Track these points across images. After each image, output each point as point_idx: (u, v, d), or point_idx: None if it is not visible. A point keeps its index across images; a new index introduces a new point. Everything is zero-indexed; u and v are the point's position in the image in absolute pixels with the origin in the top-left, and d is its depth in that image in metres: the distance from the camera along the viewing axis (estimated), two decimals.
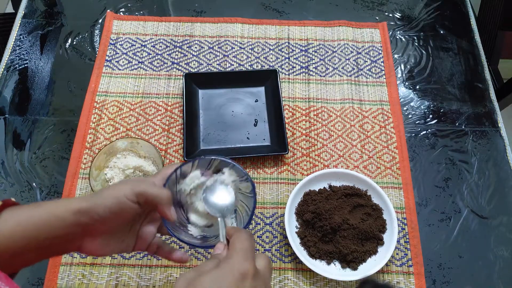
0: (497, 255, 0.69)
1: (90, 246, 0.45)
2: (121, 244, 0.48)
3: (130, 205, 0.45)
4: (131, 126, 0.78)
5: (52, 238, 0.42)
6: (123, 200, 0.44)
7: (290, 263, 0.67)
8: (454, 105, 0.84)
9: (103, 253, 0.46)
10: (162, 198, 0.46)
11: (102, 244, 0.45)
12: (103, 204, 0.43)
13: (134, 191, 0.45)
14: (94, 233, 0.44)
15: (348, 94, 0.83)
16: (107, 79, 0.82)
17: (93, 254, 0.46)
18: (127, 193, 0.44)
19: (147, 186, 0.46)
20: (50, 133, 0.77)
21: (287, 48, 0.88)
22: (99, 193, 0.45)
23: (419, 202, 0.74)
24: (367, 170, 0.75)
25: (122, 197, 0.44)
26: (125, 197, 0.44)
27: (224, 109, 0.80)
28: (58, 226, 0.42)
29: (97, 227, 0.44)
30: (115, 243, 0.47)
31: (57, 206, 0.42)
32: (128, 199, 0.45)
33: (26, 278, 0.65)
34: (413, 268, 0.68)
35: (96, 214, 0.43)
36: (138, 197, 0.45)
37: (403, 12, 0.95)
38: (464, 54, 0.90)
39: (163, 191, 0.47)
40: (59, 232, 0.42)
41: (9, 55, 0.85)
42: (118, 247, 0.48)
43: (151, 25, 0.89)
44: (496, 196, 0.75)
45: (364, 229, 0.66)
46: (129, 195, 0.45)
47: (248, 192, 0.53)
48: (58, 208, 0.42)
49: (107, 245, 0.46)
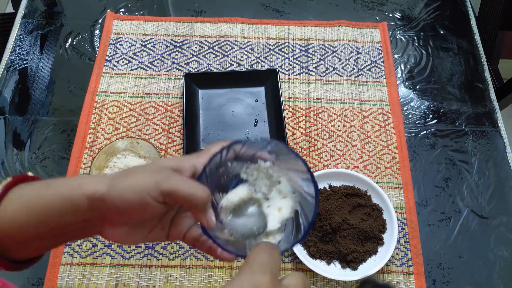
0: (497, 255, 0.69)
1: (111, 234, 0.38)
2: (149, 234, 0.40)
3: (154, 204, 0.36)
4: (131, 126, 0.78)
5: (65, 223, 0.36)
6: (145, 197, 0.35)
7: (290, 263, 0.67)
8: (454, 105, 0.84)
9: (128, 242, 0.39)
10: (197, 201, 0.36)
11: (124, 234, 0.38)
12: (122, 196, 0.35)
13: (161, 188, 0.35)
14: (112, 222, 0.37)
15: (348, 94, 0.83)
16: (107, 79, 0.82)
17: (117, 242, 0.39)
18: (151, 190, 0.35)
19: (178, 182, 0.36)
20: (50, 133, 0.77)
21: (287, 48, 0.88)
22: (117, 179, 0.36)
23: (419, 202, 0.74)
24: (367, 170, 0.75)
25: (144, 193, 0.35)
26: (149, 195, 0.35)
27: (224, 109, 0.80)
28: (70, 211, 0.36)
29: (114, 218, 0.37)
30: (140, 233, 0.39)
31: (70, 187, 0.36)
32: (152, 198, 0.35)
33: (26, 278, 0.65)
34: (413, 268, 0.68)
35: (113, 204, 0.35)
36: (164, 197, 0.36)
37: (403, 12, 0.95)
38: (464, 54, 0.90)
39: (198, 190, 0.36)
40: (72, 218, 0.36)
41: (9, 55, 0.85)
42: (147, 237, 0.40)
43: (151, 25, 0.89)
44: (496, 196, 0.75)
45: (364, 229, 0.66)
46: (153, 193, 0.35)
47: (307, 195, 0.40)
48: (70, 190, 0.36)
49: (131, 235, 0.38)
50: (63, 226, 0.36)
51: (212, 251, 0.41)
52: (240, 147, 0.40)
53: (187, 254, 0.67)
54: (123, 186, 0.36)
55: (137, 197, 0.35)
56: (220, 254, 0.41)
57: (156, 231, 0.40)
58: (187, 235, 0.41)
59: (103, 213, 0.36)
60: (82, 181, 0.36)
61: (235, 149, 0.40)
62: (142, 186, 0.35)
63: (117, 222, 0.37)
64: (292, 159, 0.39)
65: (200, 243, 0.41)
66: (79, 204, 0.35)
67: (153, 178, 0.36)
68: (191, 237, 0.41)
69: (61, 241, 0.38)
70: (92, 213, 0.36)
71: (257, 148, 0.41)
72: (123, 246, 0.67)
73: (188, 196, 0.35)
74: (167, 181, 0.35)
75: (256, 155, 0.41)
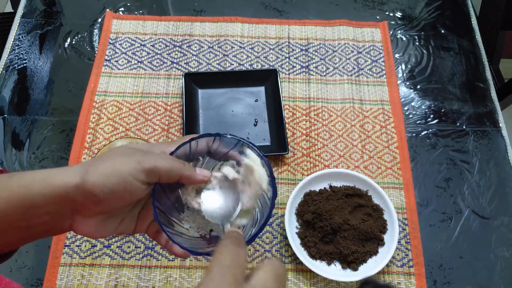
0: (498, 255, 0.69)
1: (82, 226, 0.37)
2: (119, 225, 0.40)
3: (137, 186, 0.36)
4: (131, 126, 0.78)
5: (29, 216, 0.35)
6: (129, 180, 0.35)
7: (290, 264, 0.67)
8: (455, 105, 0.84)
9: (100, 235, 0.39)
10: (180, 168, 0.38)
11: (96, 226, 0.37)
12: (102, 183, 0.34)
13: (144, 167, 0.36)
14: (85, 213, 0.36)
15: (349, 94, 0.83)
16: (106, 79, 0.82)
17: (87, 236, 0.38)
18: (134, 172, 0.35)
19: (157, 159, 0.37)
20: (49, 133, 0.77)
21: (287, 47, 0.87)
22: (95, 165, 0.35)
23: (420, 202, 0.73)
24: (367, 170, 0.75)
25: (127, 176, 0.35)
26: (132, 177, 0.35)
27: (224, 109, 0.80)
28: (36, 204, 0.34)
29: (90, 207, 0.36)
30: (112, 224, 0.39)
31: (34, 179, 0.35)
32: (136, 179, 0.36)
33: (25, 278, 0.65)
34: (414, 269, 0.67)
35: (91, 193, 0.34)
36: (148, 176, 0.36)
37: (404, 12, 0.95)
38: (465, 53, 0.90)
39: (176, 162, 0.38)
40: (37, 211, 0.35)
41: (8, 54, 0.85)
42: (117, 229, 0.40)
43: (151, 24, 0.89)
44: (497, 196, 0.74)
45: (365, 230, 0.66)
46: (136, 174, 0.36)
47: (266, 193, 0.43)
48: (35, 182, 0.34)
49: (103, 227, 0.38)
50: (28, 219, 0.35)
51: (168, 246, 0.42)
52: (212, 141, 0.41)
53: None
54: (102, 173, 0.35)
55: (121, 180, 0.35)
56: (170, 249, 0.42)
57: (126, 222, 0.40)
58: (149, 228, 0.42)
59: (77, 203, 0.35)
60: (47, 174, 0.35)
61: (208, 143, 0.41)
62: (124, 169, 0.35)
63: (92, 212, 0.37)
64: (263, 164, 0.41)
65: (159, 237, 0.42)
66: (46, 196, 0.34)
67: (132, 161, 0.36)
68: (153, 230, 0.42)
69: (27, 236, 0.37)
70: (61, 205, 0.35)
71: (229, 146, 0.43)
72: (123, 246, 0.67)
73: (169, 168, 0.37)
74: (147, 160, 0.36)
75: (229, 154, 0.43)
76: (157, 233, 0.43)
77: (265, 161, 0.41)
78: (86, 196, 0.35)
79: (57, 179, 0.35)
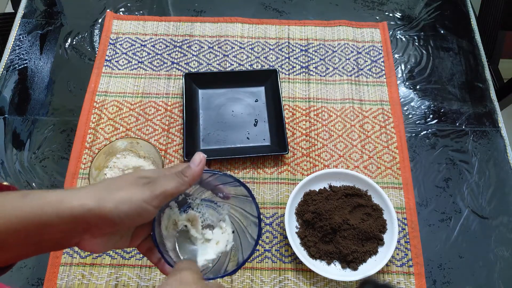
0: (498, 255, 0.69)
1: (88, 244, 0.40)
2: (119, 241, 0.44)
3: (150, 210, 0.40)
4: (131, 126, 0.78)
5: (42, 234, 0.37)
6: (144, 206, 0.39)
7: (290, 264, 0.67)
8: (454, 105, 0.84)
9: (101, 251, 0.43)
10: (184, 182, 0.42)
11: (102, 243, 0.41)
12: (118, 209, 0.38)
13: (155, 194, 0.40)
14: (96, 233, 0.40)
15: (348, 94, 0.83)
16: (106, 79, 0.82)
17: (90, 251, 0.42)
18: (148, 199, 0.40)
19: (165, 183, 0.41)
20: (49, 133, 0.77)
21: (287, 48, 0.88)
22: (109, 193, 0.39)
23: (419, 202, 0.73)
24: (367, 170, 0.75)
25: (142, 203, 0.39)
26: (146, 203, 0.39)
27: (224, 109, 0.80)
28: (50, 223, 0.37)
29: (103, 229, 0.40)
30: (113, 241, 0.43)
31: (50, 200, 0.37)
32: (150, 205, 0.40)
33: (25, 278, 0.65)
34: (413, 268, 0.67)
35: (106, 217, 0.38)
36: (160, 200, 0.40)
37: (404, 12, 0.95)
38: (465, 54, 0.90)
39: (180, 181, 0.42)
40: (51, 229, 0.37)
41: (8, 55, 0.85)
42: (116, 245, 0.44)
43: (151, 24, 0.89)
44: (497, 196, 0.74)
45: (364, 229, 0.66)
46: (150, 201, 0.40)
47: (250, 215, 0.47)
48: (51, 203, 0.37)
49: (106, 243, 0.42)
50: (40, 236, 0.37)
51: (160, 264, 0.46)
52: (208, 175, 0.46)
53: None
54: (118, 201, 0.39)
55: (134, 206, 0.39)
56: (161, 268, 0.46)
57: (124, 239, 0.45)
58: (142, 244, 0.46)
59: (90, 224, 0.38)
60: (62, 196, 0.38)
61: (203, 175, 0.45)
62: (139, 197, 0.39)
63: (104, 232, 0.40)
64: (248, 202, 0.46)
65: (150, 254, 0.47)
66: (60, 217, 0.37)
67: (146, 189, 0.40)
68: (145, 246, 0.46)
69: (35, 251, 0.39)
70: (74, 225, 0.38)
71: (222, 181, 0.47)
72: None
73: (175, 187, 0.41)
74: (158, 187, 0.41)
75: (218, 186, 0.47)
76: (148, 250, 0.47)
77: (254, 202, 0.45)
78: (101, 219, 0.38)
79: (73, 202, 0.37)
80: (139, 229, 0.46)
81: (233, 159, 0.75)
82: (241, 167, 0.75)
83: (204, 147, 0.76)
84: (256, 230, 0.45)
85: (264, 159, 0.76)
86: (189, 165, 0.43)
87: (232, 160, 0.75)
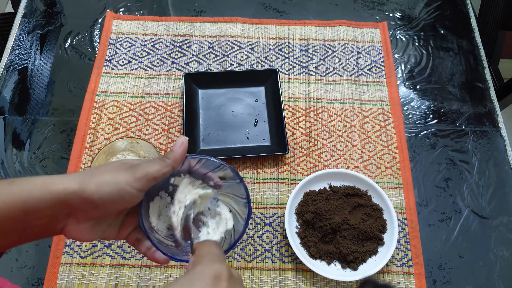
0: (498, 255, 0.69)
1: (73, 230, 0.41)
2: (105, 230, 0.44)
3: (133, 193, 0.40)
4: (131, 126, 0.78)
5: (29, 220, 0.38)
6: (125, 188, 0.40)
7: (290, 263, 0.67)
8: (454, 105, 0.84)
9: (87, 239, 0.43)
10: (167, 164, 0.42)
11: (87, 230, 0.41)
12: (100, 191, 0.39)
13: (137, 176, 0.40)
14: (80, 217, 0.40)
15: (348, 94, 0.83)
16: (106, 79, 0.82)
17: (76, 239, 0.42)
18: (130, 181, 0.40)
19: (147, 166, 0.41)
20: (49, 133, 0.77)
21: (287, 48, 0.88)
22: (92, 176, 0.40)
23: (419, 202, 0.73)
24: (367, 170, 0.75)
25: (124, 185, 0.40)
26: (128, 185, 0.40)
27: (224, 109, 0.80)
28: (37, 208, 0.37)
29: (87, 212, 0.40)
30: (99, 229, 0.43)
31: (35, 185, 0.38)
32: (132, 187, 0.40)
33: (25, 278, 0.65)
34: (413, 268, 0.67)
35: (89, 199, 0.38)
36: (142, 183, 0.41)
37: (404, 12, 0.95)
38: (465, 54, 0.90)
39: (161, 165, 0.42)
40: (37, 215, 0.38)
41: (8, 55, 0.85)
42: (103, 234, 0.44)
43: (151, 24, 0.89)
44: (497, 196, 0.74)
45: (364, 229, 0.66)
46: (132, 183, 0.40)
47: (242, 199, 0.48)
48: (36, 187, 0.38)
49: (92, 231, 0.42)
50: (27, 223, 0.38)
51: (149, 253, 0.46)
52: (195, 162, 0.47)
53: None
54: (100, 182, 0.39)
55: (118, 188, 0.40)
56: (152, 256, 0.46)
57: (111, 228, 0.45)
58: (130, 235, 0.46)
59: (75, 208, 0.39)
60: (47, 180, 0.38)
61: (191, 162, 0.46)
62: (120, 179, 0.40)
63: (87, 217, 0.40)
64: (237, 186, 0.47)
65: (139, 244, 0.46)
66: (46, 201, 0.38)
67: (128, 172, 0.41)
68: (133, 237, 0.46)
69: (22, 239, 0.40)
70: (59, 209, 0.39)
71: (210, 168, 0.48)
72: (123, 246, 0.67)
73: (158, 170, 0.41)
74: (139, 170, 0.41)
75: (207, 174, 0.48)
76: (137, 241, 0.47)
77: (243, 184, 0.46)
78: (84, 202, 0.39)
79: (57, 185, 0.38)
80: (127, 219, 0.46)
81: (233, 159, 0.75)
82: (241, 167, 0.75)
83: (204, 147, 0.76)
84: (246, 211, 0.46)
85: (264, 159, 0.76)
86: (171, 149, 0.44)
87: (232, 160, 0.75)
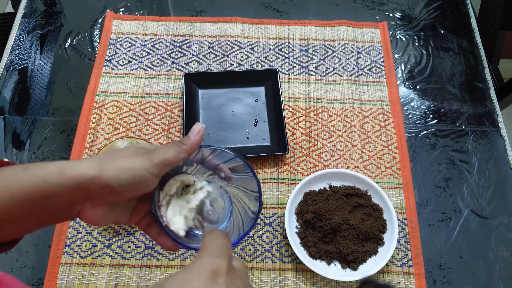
0: (498, 255, 0.69)
1: (89, 214, 0.41)
2: (119, 214, 0.44)
3: (150, 179, 0.41)
4: (131, 126, 0.78)
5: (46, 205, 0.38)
6: (142, 173, 0.40)
7: (290, 263, 0.67)
8: (454, 105, 0.84)
9: (102, 223, 0.43)
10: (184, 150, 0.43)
11: (102, 214, 0.41)
12: (119, 177, 0.39)
13: (154, 162, 0.40)
14: (97, 202, 0.40)
15: (348, 94, 0.83)
16: (106, 79, 0.82)
17: (91, 223, 0.42)
18: (147, 166, 0.40)
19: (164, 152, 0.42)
20: (49, 133, 0.77)
21: (287, 48, 0.88)
22: (110, 162, 0.40)
23: (419, 202, 0.73)
24: (367, 170, 0.75)
25: (142, 171, 0.40)
26: (146, 171, 0.40)
27: (224, 109, 0.80)
28: (54, 194, 0.37)
29: (105, 198, 0.40)
30: (114, 213, 0.43)
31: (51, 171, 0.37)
32: (150, 173, 0.40)
33: (25, 278, 0.65)
34: (413, 268, 0.67)
35: (107, 185, 0.38)
36: (160, 169, 0.41)
37: (404, 12, 0.95)
38: (465, 54, 0.90)
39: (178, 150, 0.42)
40: (54, 199, 0.38)
41: (8, 55, 0.85)
42: (116, 218, 0.44)
43: (151, 25, 0.89)
44: (497, 196, 0.74)
45: (364, 229, 0.66)
46: (149, 168, 0.40)
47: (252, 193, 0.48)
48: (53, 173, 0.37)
49: (107, 215, 0.42)
50: (44, 207, 0.38)
51: (158, 238, 0.46)
52: (209, 152, 0.47)
53: (186, 254, 0.67)
54: (118, 168, 0.39)
55: (136, 174, 0.40)
56: (162, 242, 0.46)
57: (124, 213, 0.45)
58: (142, 220, 0.46)
59: (92, 193, 0.39)
60: (63, 165, 0.38)
61: (204, 153, 0.46)
62: (138, 165, 0.40)
63: (103, 202, 0.40)
64: (249, 179, 0.46)
65: (149, 229, 0.46)
66: (63, 187, 0.37)
67: (146, 158, 0.41)
68: (144, 222, 0.46)
69: (39, 224, 0.40)
70: (76, 194, 0.38)
71: (222, 159, 0.47)
72: (123, 246, 0.67)
73: (175, 155, 0.42)
74: (156, 156, 0.41)
75: (219, 166, 0.48)
76: (148, 226, 0.47)
77: (255, 177, 0.46)
78: (102, 187, 0.38)
79: (75, 171, 0.38)
80: (139, 204, 0.46)
81: None
82: None
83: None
84: (257, 205, 0.46)
85: (264, 159, 0.76)
86: (188, 135, 0.44)
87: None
